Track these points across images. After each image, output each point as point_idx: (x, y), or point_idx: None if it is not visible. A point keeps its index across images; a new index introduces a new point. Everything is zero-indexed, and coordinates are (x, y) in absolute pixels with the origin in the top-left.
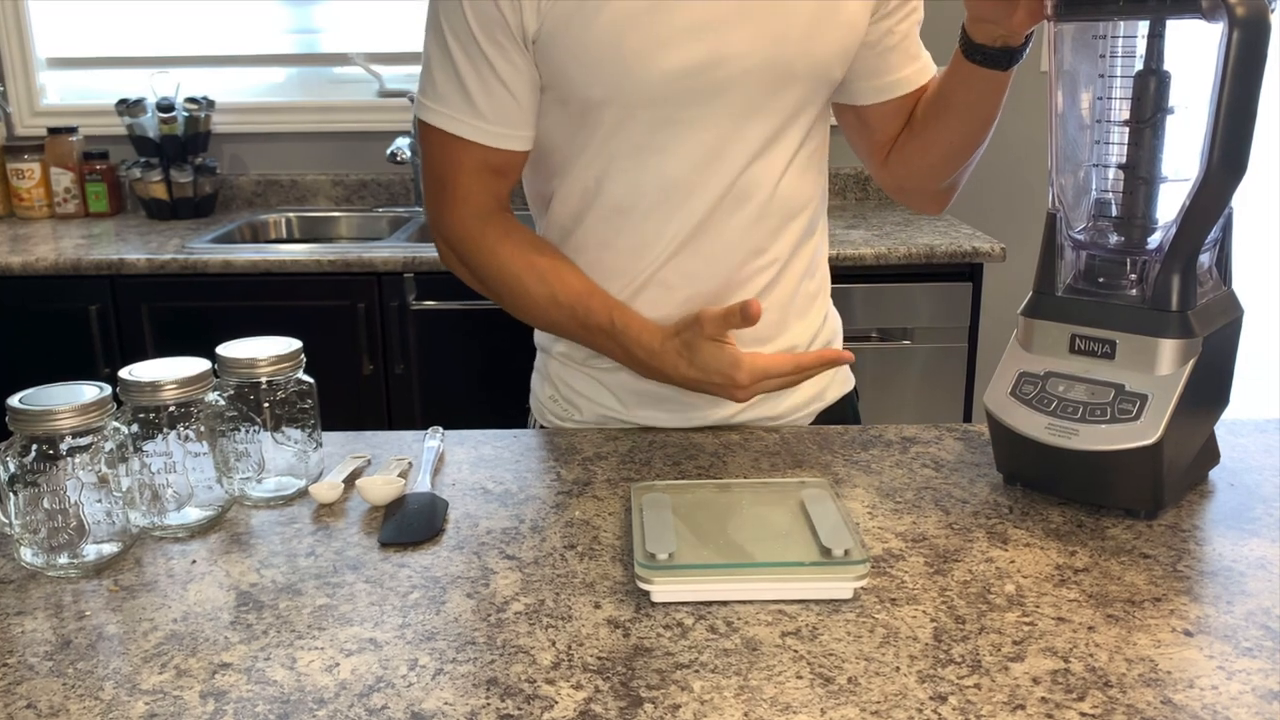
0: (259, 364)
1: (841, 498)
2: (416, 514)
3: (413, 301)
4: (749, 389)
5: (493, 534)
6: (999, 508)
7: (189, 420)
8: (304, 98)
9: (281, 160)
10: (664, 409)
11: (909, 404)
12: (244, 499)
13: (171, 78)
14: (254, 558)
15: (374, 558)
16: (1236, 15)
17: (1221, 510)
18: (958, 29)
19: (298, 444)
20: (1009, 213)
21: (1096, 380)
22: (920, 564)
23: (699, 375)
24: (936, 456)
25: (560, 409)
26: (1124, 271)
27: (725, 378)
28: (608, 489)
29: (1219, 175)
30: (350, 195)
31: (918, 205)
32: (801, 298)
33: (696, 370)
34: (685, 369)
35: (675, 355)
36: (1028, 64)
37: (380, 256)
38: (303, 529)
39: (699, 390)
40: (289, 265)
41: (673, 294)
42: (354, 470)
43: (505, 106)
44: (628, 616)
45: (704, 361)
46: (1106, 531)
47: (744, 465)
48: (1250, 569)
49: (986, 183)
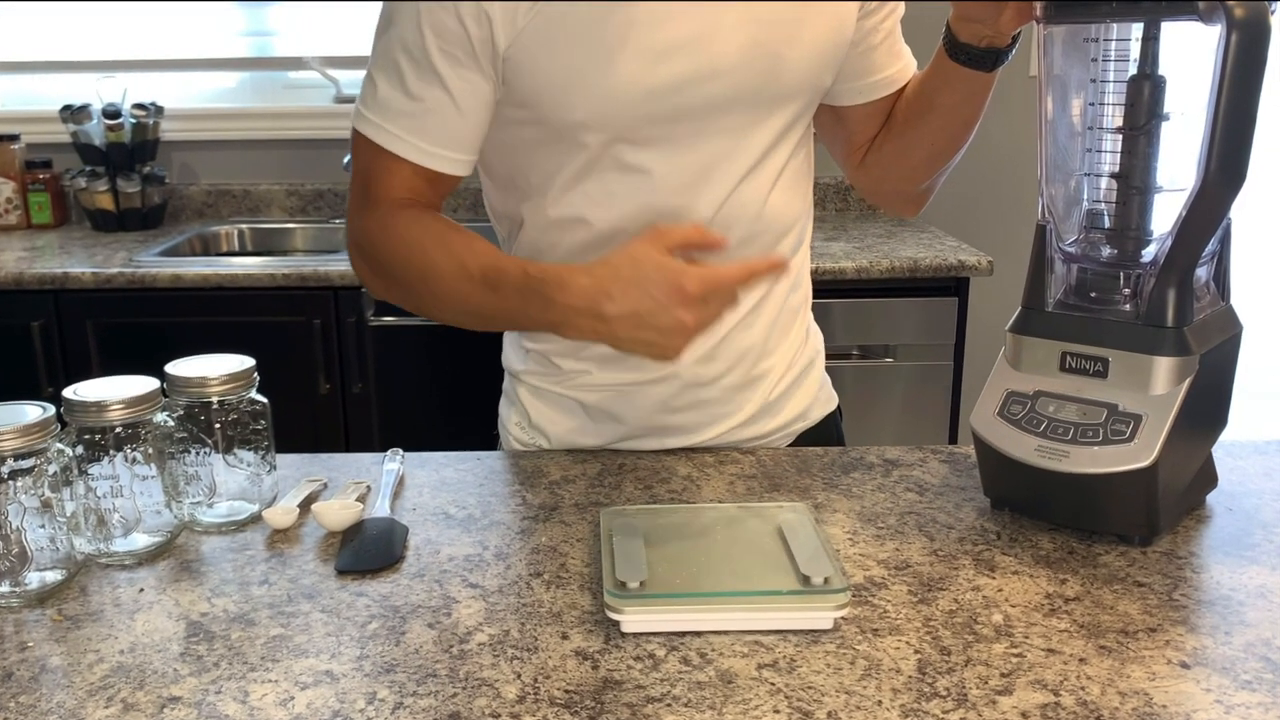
0: (210, 383)
1: (821, 523)
2: (375, 540)
3: (371, 317)
4: (699, 306)
5: (455, 561)
6: (986, 533)
7: (136, 442)
8: (257, 104)
9: (233, 169)
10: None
11: (892, 425)
12: (194, 524)
13: (118, 82)
14: (205, 586)
15: (330, 586)
16: (1235, 17)
17: (1219, 536)
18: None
19: (251, 467)
20: (997, 224)
21: (1088, 400)
22: (903, 593)
23: (639, 301)
24: (921, 480)
25: (527, 436)
26: (1117, 286)
27: (669, 291)
28: (576, 514)
29: (1216, 185)
30: (306, 206)
31: (893, 208)
32: (786, 313)
33: (638, 295)
34: (624, 299)
35: (612, 284)
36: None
37: (337, 270)
38: (256, 556)
39: (639, 329)
40: (241, 279)
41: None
42: (310, 494)
43: (449, 126)
44: (597, 648)
45: (645, 274)
46: (1099, 558)
47: (719, 489)
48: (1249, 598)
49: (973, 193)
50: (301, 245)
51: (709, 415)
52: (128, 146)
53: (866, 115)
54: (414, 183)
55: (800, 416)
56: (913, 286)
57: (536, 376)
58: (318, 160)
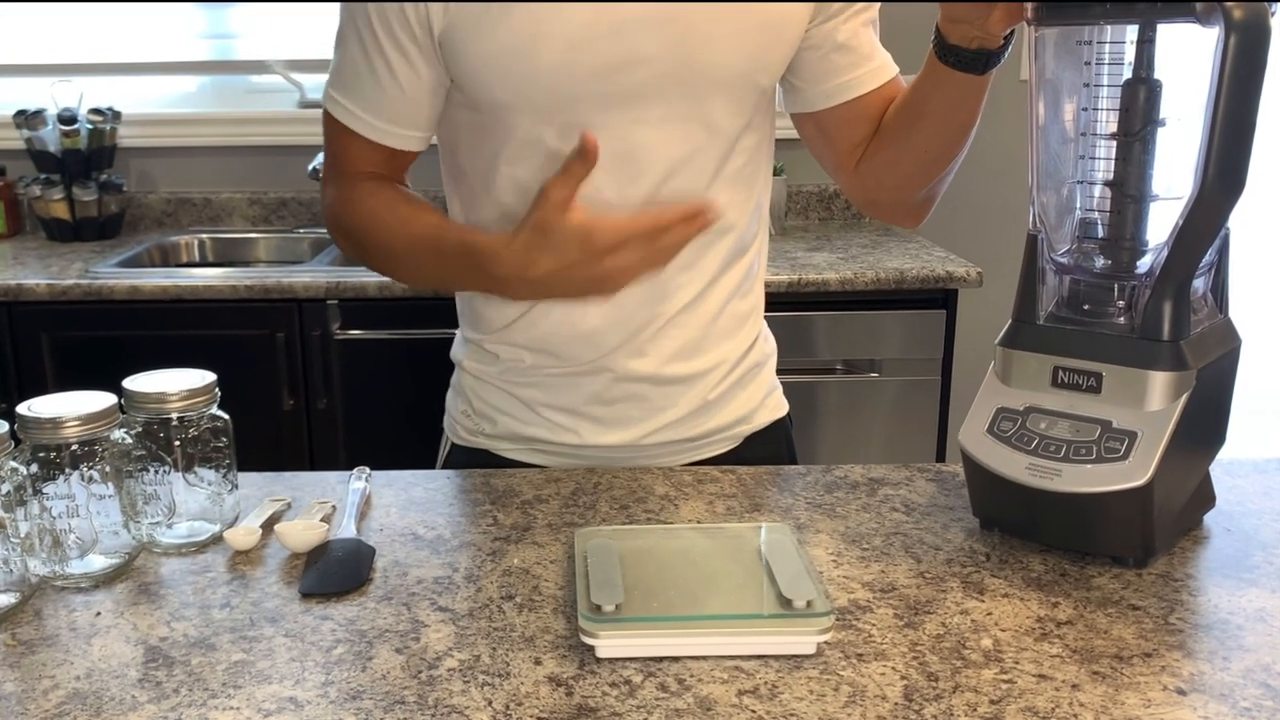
0: (169, 398)
1: (804, 544)
2: (340, 562)
3: (337, 331)
4: (611, 258)
5: (424, 584)
6: (975, 555)
7: (93, 460)
8: (218, 109)
9: (194, 177)
10: (584, 419)
11: (877, 442)
12: (153, 545)
13: (74, 87)
14: (164, 609)
15: (294, 609)
16: (1233, 19)
17: (1217, 558)
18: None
19: (211, 485)
20: (986, 234)
21: (1081, 416)
22: (889, 616)
23: (556, 262)
24: (907, 499)
25: (472, 424)
26: (1111, 298)
27: (582, 249)
28: (549, 534)
29: (1214, 193)
30: (269, 215)
31: (892, 218)
32: (728, 317)
33: (555, 256)
34: (543, 262)
35: (530, 250)
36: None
37: (301, 281)
38: (217, 578)
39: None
40: (202, 291)
41: (589, 307)
42: (273, 514)
43: (397, 105)
44: (571, 673)
45: (559, 241)
46: (1092, 581)
47: (697, 508)
48: (1248, 621)
49: (961, 202)
50: (265, 256)
51: (642, 409)
52: (84, 153)
53: (844, 120)
54: (372, 156)
55: (744, 419)
56: (899, 298)
57: (477, 366)
58: (281, 168)
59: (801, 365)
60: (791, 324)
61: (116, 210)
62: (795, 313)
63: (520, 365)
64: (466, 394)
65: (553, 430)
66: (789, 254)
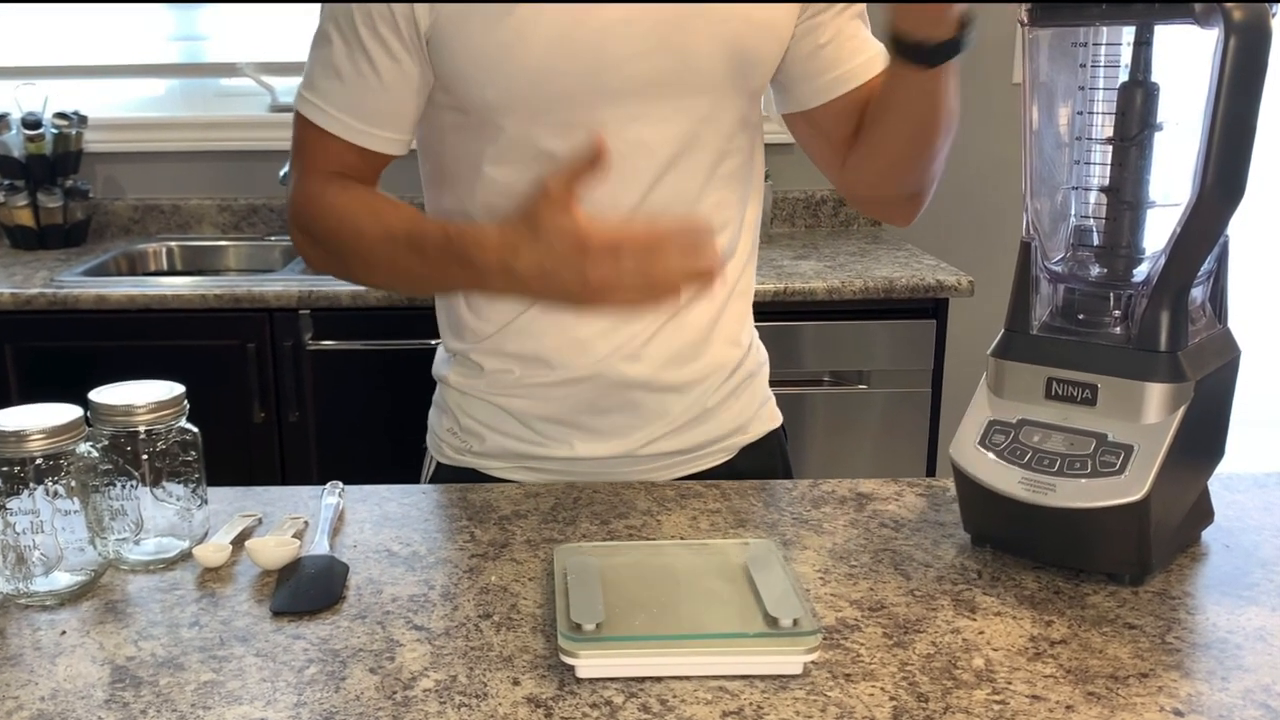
0: (136, 411)
1: (790, 561)
2: (313, 579)
3: (309, 341)
4: (607, 261)
5: (398, 601)
6: (966, 572)
7: (58, 474)
8: (187, 113)
9: (162, 183)
10: (575, 430)
11: (865, 456)
12: (120, 562)
13: (38, 90)
14: (131, 628)
15: (265, 628)
16: (1233, 20)
17: (1215, 575)
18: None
19: (180, 501)
20: (978, 242)
21: (1076, 429)
22: (878, 635)
23: (543, 258)
24: (896, 515)
25: (459, 442)
26: (1106, 307)
27: (572, 247)
28: (528, 551)
29: (1213, 199)
30: (239, 222)
31: (883, 215)
32: (724, 321)
33: (542, 251)
34: (529, 255)
35: (518, 241)
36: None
37: (272, 290)
38: (186, 596)
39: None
40: (170, 300)
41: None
42: (243, 530)
43: (377, 105)
44: (550, 694)
45: (549, 237)
46: (1087, 599)
47: (680, 524)
48: (1248, 641)
49: (952, 208)
50: (235, 264)
51: (638, 417)
52: (49, 159)
53: (836, 115)
54: (345, 158)
55: (739, 429)
56: (888, 308)
57: (462, 380)
58: (252, 173)
59: (788, 377)
60: (777, 334)
61: (82, 217)
62: (781, 322)
63: (509, 376)
64: (452, 410)
65: (544, 443)
66: (775, 262)
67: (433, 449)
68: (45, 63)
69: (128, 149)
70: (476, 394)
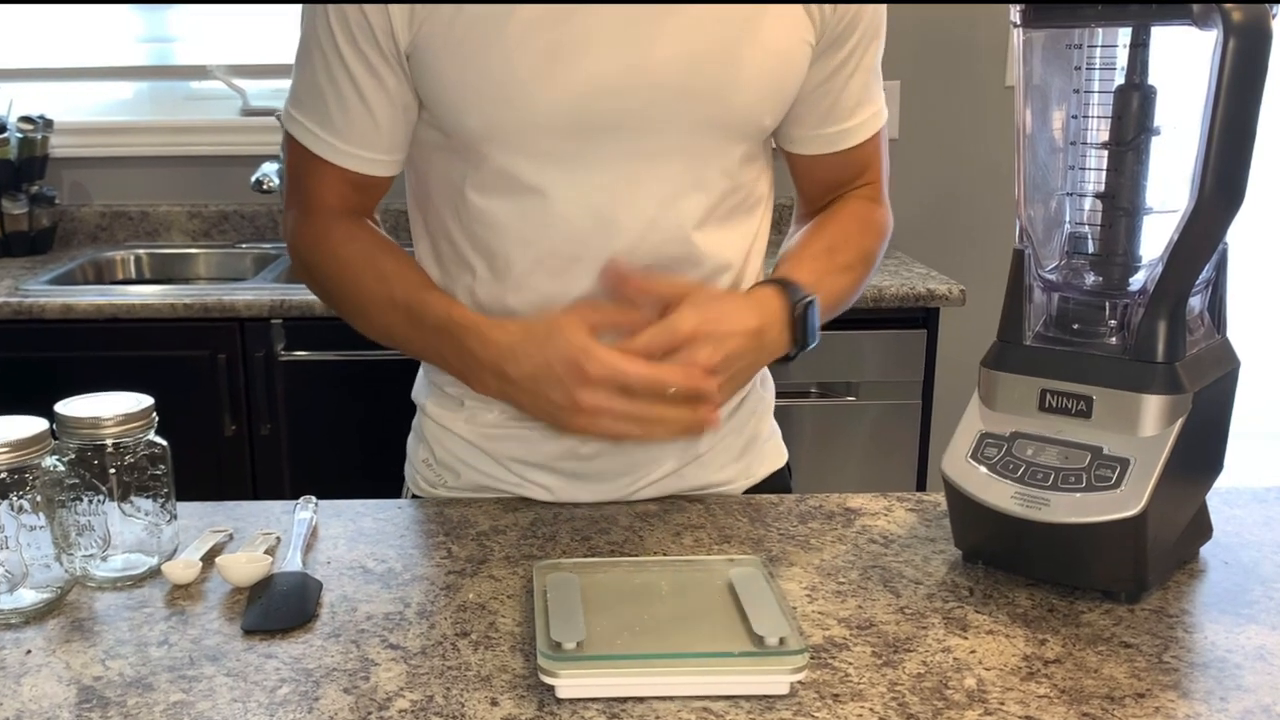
0: (104, 424)
1: (776, 578)
2: (285, 597)
3: (281, 352)
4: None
5: (373, 620)
6: (958, 589)
7: (23, 489)
8: (156, 117)
9: (130, 189)
10: (558, 475)
11: (854, 470)
12: (87, 579)
13: (2, 93)
14: (98, 647)
15: (237, 647)
16: (1232, 22)
17: (1214, 592)
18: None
19: (149, 516)
20: (970, 249)
21: (1070, 442)
22: (867, 654)
23: (539, 370)
24: (886, 530)
25: (433, 475)
26: (1102, 317)
27: (568, 366)
28: (506, 568)
29: (1212, 206)
30: (209, 229)
31: None
32: None
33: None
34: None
35: (518, 347)
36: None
37: (243, 300)
38: (155, 614)
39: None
40: (139, 310)
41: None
42: (214, 546)
43: (362, 126)
44: (529, 715)
45: (553, 343)
46: (1082, 617)
47: (663, 540)
48: (1247, 660)
49: (944, 215)
50: (205, 272)
51: (623, 464)
52: (13, 164)
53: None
54: (338, 183)
55: (743, 474)
56: (877, 318)
57: (441, 411)
58: (223, 179)
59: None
60: None
61: (48, 224)
62: None
63: (488, 415)
64: (429, 441)
65: (523, 486)
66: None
67: (409, 479)
68: (9, 65)
69: (95, 154)
70: (454, 429)
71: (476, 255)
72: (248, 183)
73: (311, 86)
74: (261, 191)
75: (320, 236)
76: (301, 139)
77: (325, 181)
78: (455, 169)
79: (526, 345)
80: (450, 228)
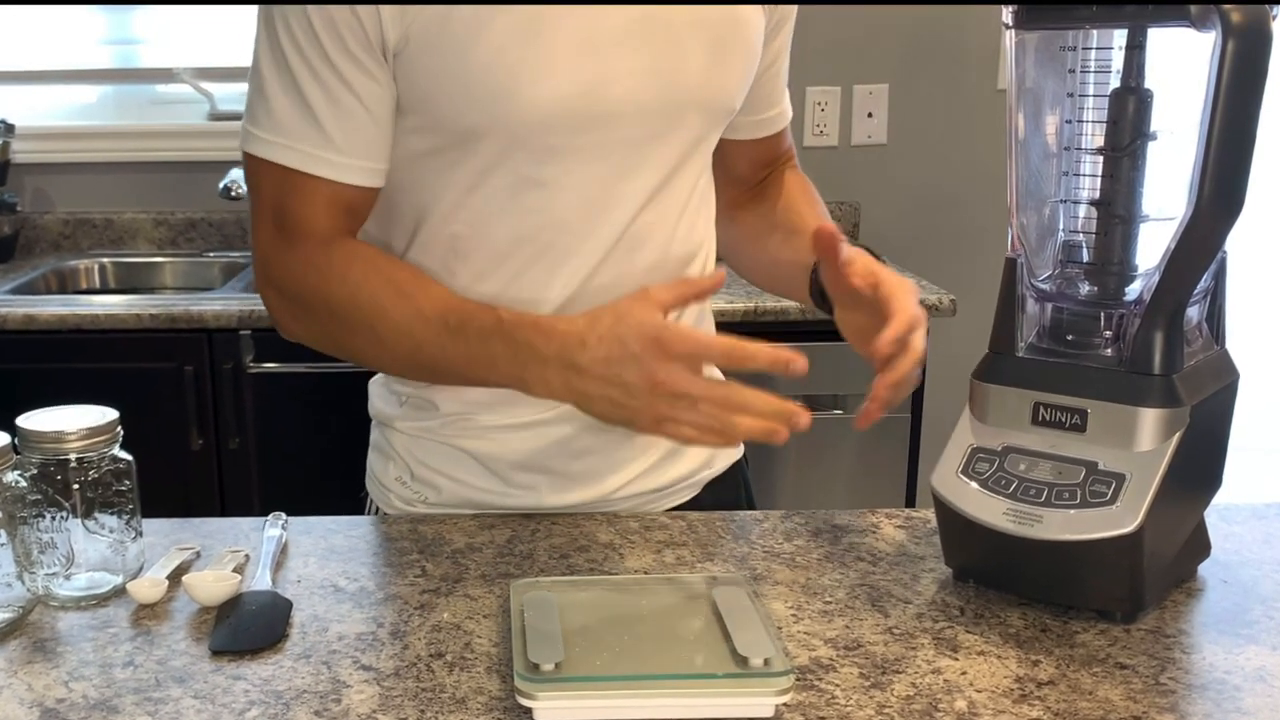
0: (67, 438)
1: (760, 597)
2: (254, 616)
3: (250, 363)
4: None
5: (345, 640)
6: (948, 609)
7: None
8: (121, 121)
9: (94, 195)
10: (546, 475)
11: (841, 485)
12: (49, 598)
13: None
14: (61, 668)
15: (204, 668)
16: (1231, 23)
17: (1213, 612)
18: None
19: (113, 533)
20: (960, 258)
21: (1064, 457)
22: (854, 676)
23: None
24: (874, 548)
25: (410, 493)
26: (1097, 328)
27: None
28: (482, 586)
29: (1210, 213)
30: (176, 237)
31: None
32: None
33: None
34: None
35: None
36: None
37: (211, 310)
38: (119, 634)
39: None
40: (103, 320)
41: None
42: (180, 564)
43: (362, 132)
44: None
45: (626, 325)
46: (1076, 637)
47: (644, 558)
48: (1246, 682)
49: (934, 222)
50: (171, 282)
51: (611, 460)
52: None
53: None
54: (333, 206)
55: (705, 464)
56: None
57: (413, 423)
58: (190, 185)
59: None
60: None
61: (9, 232)
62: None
63: (469, 421)
64: (402, 457)
65: (510, 493)
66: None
67: (376, 497)
68: None
69: (58, 159)
70: (430, 435)
71: (455, 259)
72: (216, 189)
73: (295, 102)
74: (230, 198)
75: (317, 263)
76: (285, 160)
77: (316, 204)
78: (442, 175)
79: (597, 327)
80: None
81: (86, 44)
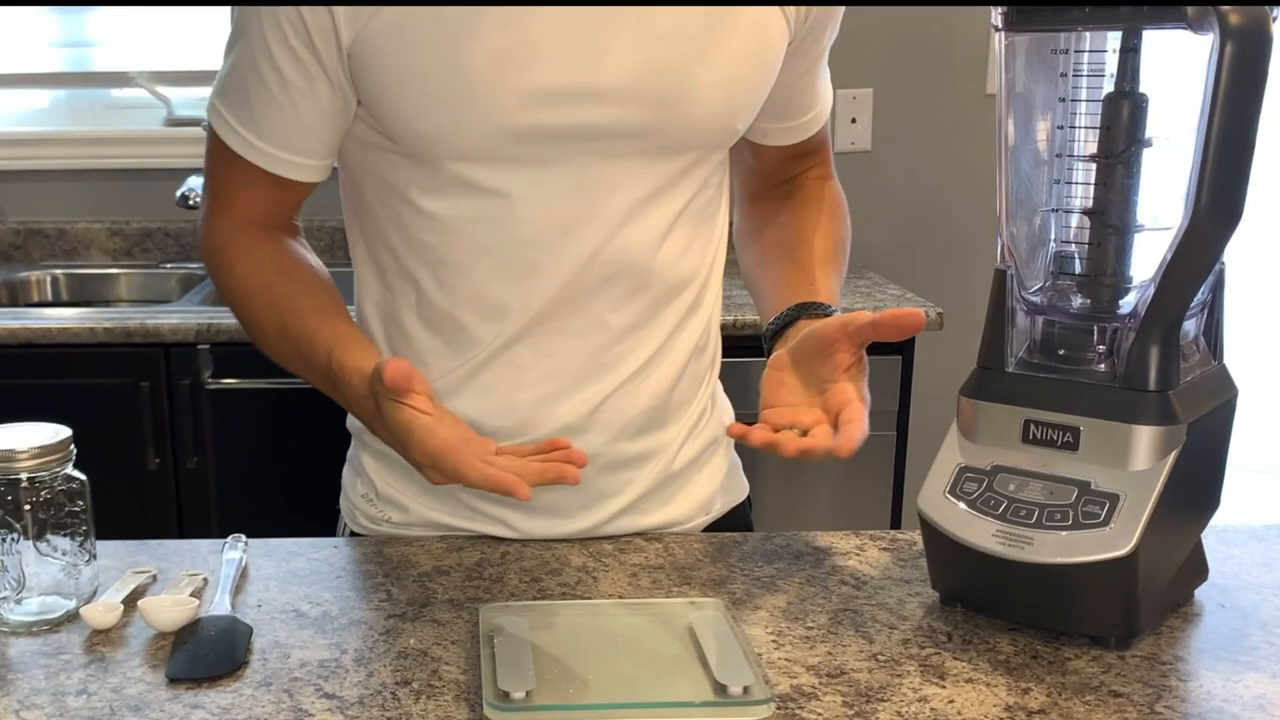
0: (18, 457)
1: (739, 622)
2: (213, 642)
3: (208, 379)
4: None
5: (307, 667)
6: (935, 634)
7: None
8: (74, 127)
9: (46, 204)
10: (512, 510)
11: (824, 506)
12: None
13: None
14: (12, 697)
15: (161, 696)
16: (1230, 25)
17: (1210, 637)
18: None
19: (66, 555)
20: (948, 270)
21: (1056, 477)
22: (837, 704)
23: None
24: (857, 571)
25: (375, 511)
26: (1090, 342)
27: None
28: (450, 611)
29: (1208, 223)
30: (131, 247)
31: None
32: (687, 381)
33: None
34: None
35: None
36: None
37: (168, 323)
38: (73, 661)
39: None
40: (55, 334)
41: (523, 375)
42: (136, 588)
43: (287, 128)
44: None
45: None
46: (1068, 664)
47: (619, 582)
48: (1245, 710)
49: (920, 232)
50: (126, 294)
51: (582, 497)
52: None
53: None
54: (255, 187)
55: (701, 509)
56: None
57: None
58: (146, 194)
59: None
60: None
61: None
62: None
63: None
64: (368, 474)
65: (475, 519)
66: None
67: (346, 515)
68: None
69: (8, 166)
70: (395, 456)
71: (423, 267)
72: (172, 198)
73: (237, 78)
74: (187, 207)
75: (223, 245)
76: (220, 131)
77: (238, 180)
78: (400, 174)
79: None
80: (392, 239)
81: (38, 47)
